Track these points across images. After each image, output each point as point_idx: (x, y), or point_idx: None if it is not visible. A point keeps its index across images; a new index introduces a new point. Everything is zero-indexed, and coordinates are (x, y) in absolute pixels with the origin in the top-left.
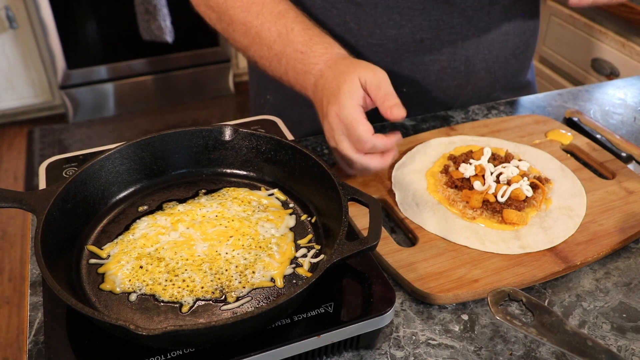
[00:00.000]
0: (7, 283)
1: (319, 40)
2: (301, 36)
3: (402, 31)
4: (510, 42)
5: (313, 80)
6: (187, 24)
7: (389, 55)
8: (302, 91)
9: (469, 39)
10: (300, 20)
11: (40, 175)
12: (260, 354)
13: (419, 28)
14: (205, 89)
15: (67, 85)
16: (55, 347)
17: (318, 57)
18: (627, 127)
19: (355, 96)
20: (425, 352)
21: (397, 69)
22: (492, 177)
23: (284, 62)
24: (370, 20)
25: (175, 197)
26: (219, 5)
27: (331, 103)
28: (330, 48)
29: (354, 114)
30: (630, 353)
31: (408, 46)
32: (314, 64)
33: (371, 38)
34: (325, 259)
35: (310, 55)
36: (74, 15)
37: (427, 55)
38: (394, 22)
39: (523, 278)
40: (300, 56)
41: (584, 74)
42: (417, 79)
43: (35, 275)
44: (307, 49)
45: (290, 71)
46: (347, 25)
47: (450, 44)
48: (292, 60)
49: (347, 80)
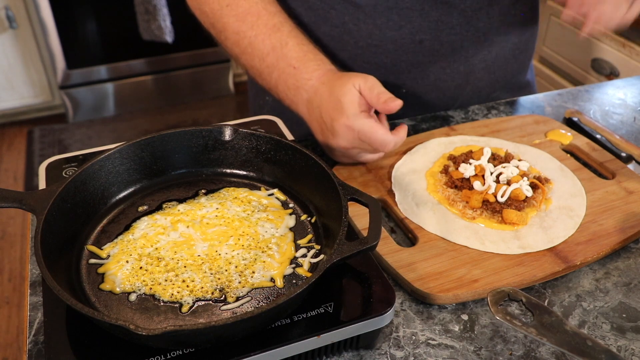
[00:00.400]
0: (7, 283)
1: (313, 57)
2: (295, 51)
3: (401, 32)
4: (510, 43)
5: (306, 96)
6: (187, 24)
7: (388, 56)
8: (292, 106)
9: (468, 39)
10: (295, 35)
11: (40, 175)
12: (260, 354)
13: (418, 29)
14: (205, 89)
15: (67, 85)
16: (55, 347)
17: (310, 73)
18: (627, 127)
19: (360, 104)
20: (425, 352)
21: (397, 70)
22: (492, 177)
23: (275, 75)
24: (369, 22)
25: (175, 197)
26: (213, 12)
27: (337, 118)
28: (322, 65)
29: (367, 121)
30: (630, 353)
31: (407, 47)
32: (306, 79)
33: (370, 39)
34: (325, 259)
35: (303, 70)
36: (74, 15)
37: (427, 56)
38: (393, 23)
39: (523, 278)
40: (293, 71)
41: (584, 74)
42: (416, 79)
43: (35, 275)
44: (301, 64)
45: (281, 85)
46: (346, 27)
47: (450, 45)
48: (284, 74)
49: (346, 91)
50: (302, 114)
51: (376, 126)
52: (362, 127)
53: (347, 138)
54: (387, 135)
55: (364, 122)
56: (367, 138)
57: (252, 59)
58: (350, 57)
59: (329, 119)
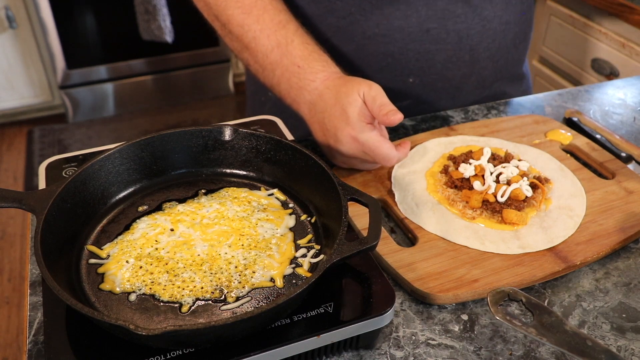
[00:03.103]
0: (6, 283)
1: (318, 57)
2: (300, 50)
3: (408, 21)
4: (511, 32)
5: (309, 98)
6: (187, 24)
7: (395, 45)
8: (293, 105)
9: (473, 28)
10: (301, 34)
11: (40, 175)
12: (260, 354)
13: (425, 18)
14: (205, 89)
15: (67, 85)
16: (54, 347)
17: (314, 74)
18: (627, 127)
19: (365, 116)
20: (425, 352)
21: (404, 59)
22: (492, 177)
23: (278, 72)
24: (377, 11)
25: (175, 197)
26: (217, 3)
27: (341, 128)
28: (327, 66)
29: (372, 134)
30: (629, 353)
31: (415, 36)
32: (310, 80)
33: (378, 29)
34: (325, 259)
35: (307, 70)
36: (74, 15)
37: (433, 44)
38: (400, 12)
39: (523, 278)
40: (297, 70)
41: (584, 74)
42: (423, 68)
43: (35, 275)
44: (305, 63)
45: (284, 83)
46: (353, 17)
47: (456, 34)
48: (288, 72)
49: (351, 101)
50: (302, 114)
51: (381, 141)
52: (367, 141)
53: (351, 148)
54: (392, 151)
55: (370, 135)
56: (372, 152)
57: (255, 54)
58: (358, 48)
59: (333, 127)
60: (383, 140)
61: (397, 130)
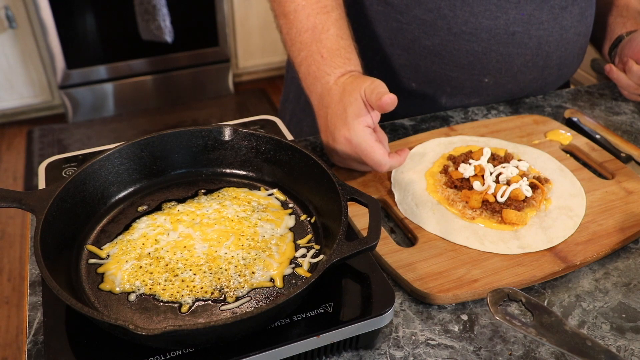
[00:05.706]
0: (6, 283)
1: (344, 53)
2: (331, 41)
3: (496, 22)
4: (580, 43)
5: (320, 90)
6: (186, 24)
7: (480, 44)
8: (306, 91)
9: (552, 35)
10: (340, 25)
11: (39, 175)
12: (259, 354)
13: (512, 21)
14: (205, 89)
15: (67, 85)
16: (54, 347)
17: (333, 68)
18: (627, 127)
19: (363, 119)
20: (424, 352)
21: (486, 59)
22: (492, 177)
23: (303, 54)
24: (466, 9)
25: (174, 197)
26: None
27: (339, 127)
28: (348, 63)
29: (367, 139)
30: (629, 353)
31: (500, 37)
32: (326, 73)
33: (465, 26)
34: (325, 259)
35: (328, 63)
36: (74, 15)
37: (516, 48)
38: (489, 12)
39: (522, 278)
40: (319, 59)
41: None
42: (500, 70)
43: (35, 275)
44: (329, 55)
45: (304, 67)
46: (441, 12)
47: (537, 39)
48: (311, 58)
49: (352, 100)
50: (313, 104)
51: (375, 146)
52: (360, 144)
53: (345, 149)
54: (384, 158)
55: (364, 139)
56: (364, 155)
57: (290, 27)
58: (442, 43)
59: (332, 125)
60: (377, 146)
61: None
